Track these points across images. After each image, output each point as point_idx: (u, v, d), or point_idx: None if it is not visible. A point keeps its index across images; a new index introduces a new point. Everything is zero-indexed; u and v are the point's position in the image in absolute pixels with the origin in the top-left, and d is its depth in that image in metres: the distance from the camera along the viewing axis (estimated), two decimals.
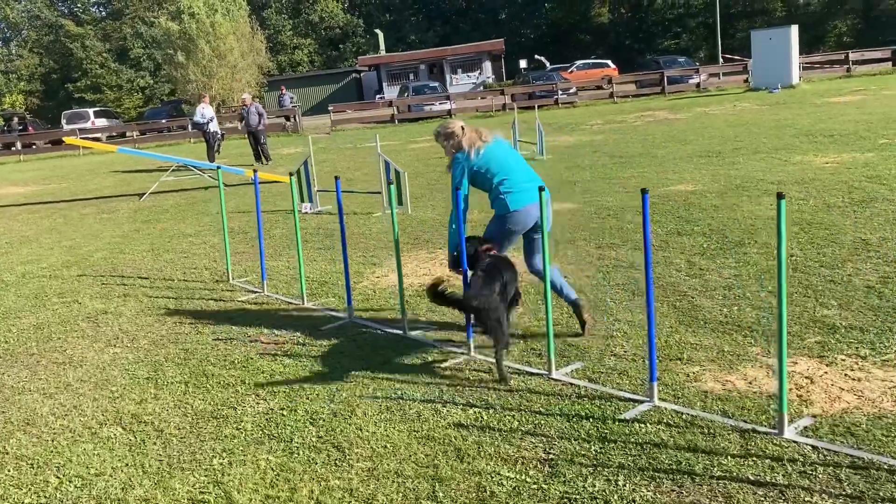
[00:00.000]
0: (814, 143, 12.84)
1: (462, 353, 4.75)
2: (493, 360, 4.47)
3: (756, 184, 9.52)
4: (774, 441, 3.34)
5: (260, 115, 18.76)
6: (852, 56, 30.46)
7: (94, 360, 5.29)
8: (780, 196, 3.16)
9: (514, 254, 5.07)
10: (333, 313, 5.88)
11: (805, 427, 3.44)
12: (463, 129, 4.76)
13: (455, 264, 4.73)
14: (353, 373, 4.62)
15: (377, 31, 54.67)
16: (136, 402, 4.50)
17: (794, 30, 26.69)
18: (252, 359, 5.03)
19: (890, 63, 30.52)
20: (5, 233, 11.54)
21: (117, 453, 3.85)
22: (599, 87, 34.62)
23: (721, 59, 36.67)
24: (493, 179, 4.65)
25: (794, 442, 3.32)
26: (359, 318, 5.65)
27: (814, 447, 3.27)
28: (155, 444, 3.93)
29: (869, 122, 14.90)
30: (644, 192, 3.68)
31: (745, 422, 3.54)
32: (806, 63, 29.41)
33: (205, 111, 18.55)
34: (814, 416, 3.53)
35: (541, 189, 4.44)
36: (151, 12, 60.96)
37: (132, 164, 22.00)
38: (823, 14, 52.15)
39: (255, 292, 6.70)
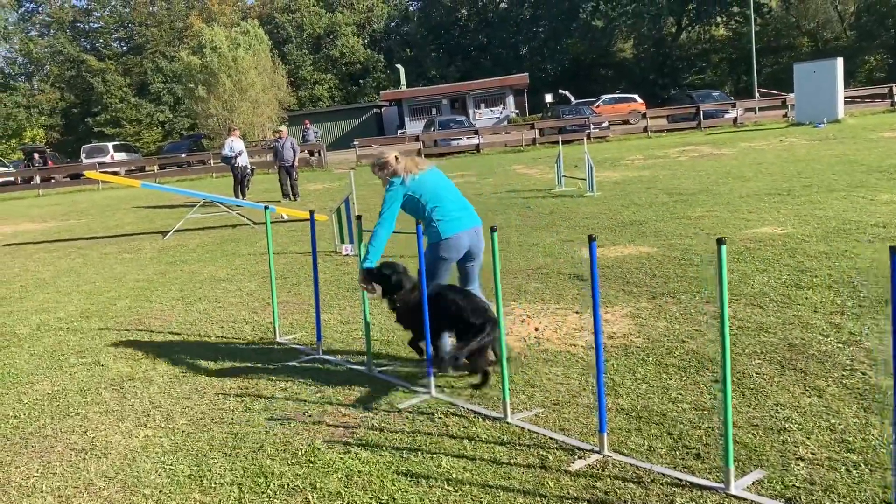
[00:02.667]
0: (894, 180, 11.80)
1: (592, 452, 3.71)
2: (637, 464, 3.47)
3: (857, 226, 8.45)
4: None
5: (294, 150, 17.96)
6: None
7: (122, 447, 4.27)
8: None
9: None
10: (409, 386, 4.83)
11: None
12: (397, 158, 4.90)
13: (366, 279, 4.81)
14: (454, 475, 3.58)
15: (398, 66, 54.26)
16: None
17: (839, 63, 25.65)
18: (319, 449, 4.00)
19: None
20: (20, 274, 10.62)
21: None
22: (627, 122, 33.77)
23: (757, 94, 35.70)
24: (426, 207, 4.77)
25: None
26: (444, 395, 4.61)
27: None
28: None
29: None
30: (894, 250, 2.67)
31: None
32: (847, 97, 28.42)
33: (234, 144, 17.68)
34: None
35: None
36: (172, 47, 61.18)
37: (153, 199, 21.22)
38: (854, 49, 51.26)
39: (310, 354, 5.67)
